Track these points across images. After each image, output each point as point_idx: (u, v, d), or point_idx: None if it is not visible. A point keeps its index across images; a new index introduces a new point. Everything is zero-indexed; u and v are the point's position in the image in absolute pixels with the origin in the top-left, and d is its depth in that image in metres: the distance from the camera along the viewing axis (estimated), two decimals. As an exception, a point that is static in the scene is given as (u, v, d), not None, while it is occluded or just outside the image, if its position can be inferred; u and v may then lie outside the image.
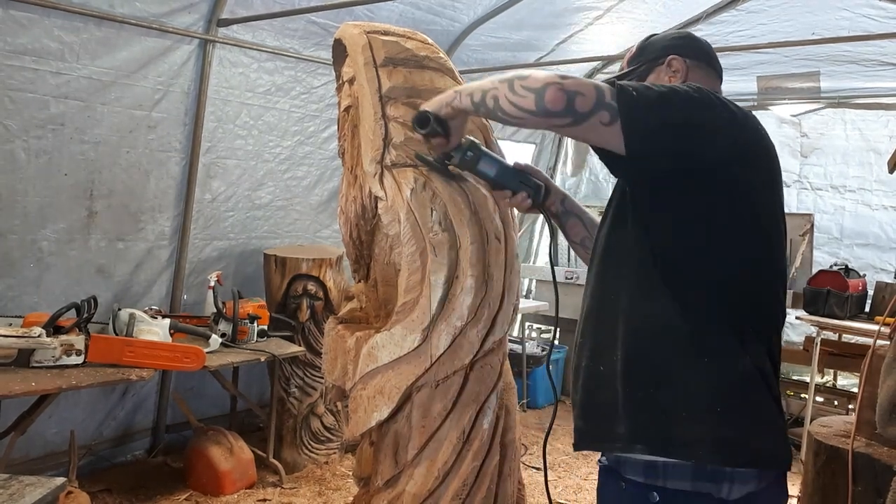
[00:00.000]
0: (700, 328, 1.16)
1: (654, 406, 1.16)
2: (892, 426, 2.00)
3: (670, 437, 1.14)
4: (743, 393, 1.16)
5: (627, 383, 1.19)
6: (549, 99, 1.08)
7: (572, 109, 1.08)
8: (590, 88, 1.08)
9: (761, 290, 1.20)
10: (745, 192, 1.17)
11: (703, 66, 1.37)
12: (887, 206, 4.66)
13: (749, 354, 1.16)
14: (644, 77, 1.38)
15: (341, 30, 1.91)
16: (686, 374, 1.15)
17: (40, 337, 2.52)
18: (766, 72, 4.51)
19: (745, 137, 1.17)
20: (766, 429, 1.18)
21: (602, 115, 1.08)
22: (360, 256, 1.96)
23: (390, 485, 1.79)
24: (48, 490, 1.61)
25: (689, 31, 1.46)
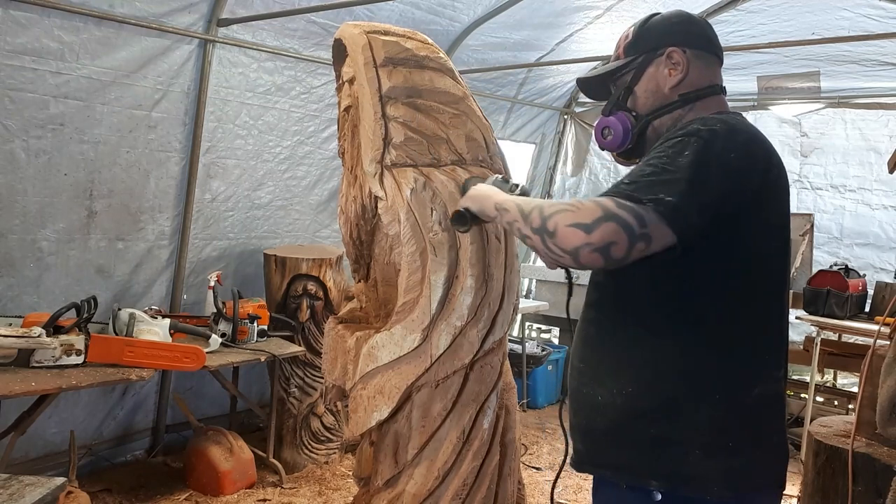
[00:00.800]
0: (708, 364, 1.16)
1: (667, 443, 1.17)
2: (892, 426, 2.00)
3: (684, 474, 1.15)
4: (753, 424, 1.18)
5: (634, 417, 1.19)
6: (587, 262, 1.09)
7: (611, 261, 1.08)
8: (619, 233, 1.06)
9: (767, 321, 1.22)
10: (752, 234, 1.16)
11: (703, 55, 1.32)
12: (887, 206, 4.66)
13: (757, 385, 1.18)
14: (642, 70, 1.33)
15: (341, 30, 1.91)
16: (699, 410, 1.16)
17: (40, 337, 2.52)
18: (766, 72, 4.51)
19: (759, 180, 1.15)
20: (772, 455, 1.21)
21: (639, 247, 1.07)
22: (360, 256, 1.96)
23: (390, 485, 1.79)
24: (48, 490, 1.61)
25: (686, 11, 1.40)
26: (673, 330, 1.17)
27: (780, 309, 1.25)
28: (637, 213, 1.07)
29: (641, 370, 1.20)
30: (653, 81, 1.32)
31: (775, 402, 1.21)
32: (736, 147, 1.14)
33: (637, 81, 1.34)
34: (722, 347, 1.17)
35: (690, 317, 1.17)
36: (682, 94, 1.30)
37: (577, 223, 1.08)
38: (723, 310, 1.17)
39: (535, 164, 5.73)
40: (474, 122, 1.88)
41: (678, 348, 1.17)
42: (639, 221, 1.06)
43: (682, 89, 1.30)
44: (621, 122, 1.34)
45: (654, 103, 1.32)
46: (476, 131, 1.88)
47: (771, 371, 1.21)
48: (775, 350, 1.23)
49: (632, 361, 1.21)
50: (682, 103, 1.30)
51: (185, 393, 3.53)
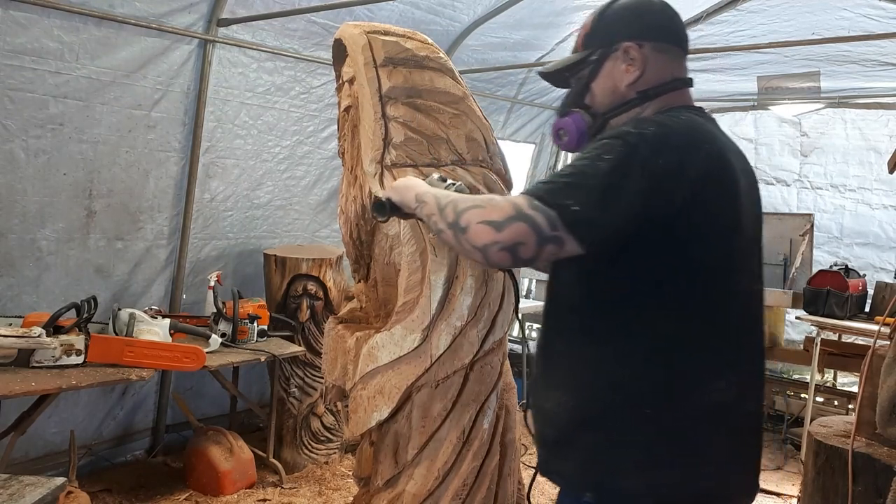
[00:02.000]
0: (640, 376, 1.13)
1: (600, 455, 1.15)
2: (892, 426, 2.00)
3: (614, 487, 1.14)
4: (690, 437, 1.13)
5: (575, 427, 1.19)
6: (495, 261, 1.09)
7: (518, 260, 1.08)
8: (528, 234, 1.05)
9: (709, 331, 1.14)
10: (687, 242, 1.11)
11: (664, 47, 1.25)
12: (887, 206, 4.67)
13: (702, 395, 1.13)
14: (599, 66, 1.27)
15: (341, 30, 1.91)
16: (631, 423, 1.13)
17: (40, 337, 2.52)
18: (766, 72, 4.51)
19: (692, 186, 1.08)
20: (717, 468, 1.15)
21: (549, 249, 1.06)
22: (360, 256, 1.96)
23: (390, 485, 1.79)
24: (48, 490, 1.61)
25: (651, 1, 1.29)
26: (609, 341, 1.15)
27: (731, 317, 1.17)
28: (549, 214, 1.05)
29: (582, 381, 1.18)
30: (609, 79, 1.26)
31: (718, 416, 1.14)
32: (666, 151, 1.08)
33: (594, 78, 1.28)
34: (654, 359, 1.13)
35: (624, 328, 1.14)
36: (639, 91, 1.24)
37: (487, 221, 1.07)
38: (656, 321, 1.13)
39: (535, 164, 5.73)
40: (474, 122, 1.87)
41: (613, 360, 1.15)
42: (550, 224, 1.04)
43: (639, 86, 1.24)
44: (576, 124, 1.29)
45: (611, 101, 1.27)
46: (476, 131, 1.88)
47: (712, 383, 1.14)
48: (719, 361, 1.15)
49: (574, 372, 1.20)
50: (640, 101, 1.24)
51: (185, 393, 3.52)
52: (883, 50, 3.91)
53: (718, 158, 1.14)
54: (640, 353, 1.13)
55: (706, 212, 1.11)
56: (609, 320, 1.15)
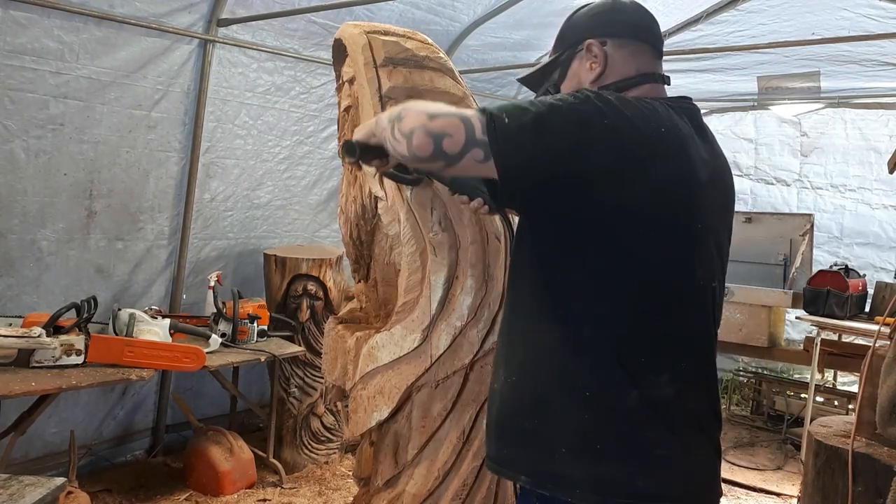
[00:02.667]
0: (583, 361, 1.12)
1: (535, 438, 1.15)
2: (892, 426, 2.00)
3: (551, 473, 1.13)
4: (628, 429, 1.11)
5: (510, 409, 1.19)
6: (417, 145, 1.05)
7: (441, 153, 1.04)
8: (458, 127, 1.03)
9: (652, 323, 1.12)
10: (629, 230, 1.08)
11: (627, 44, 1.25)
12: (887, 206, 4.67)
13: (640, 387, 1.10)
14: (567, 66, 1.29)
15: (341, 30, 1.91)
16: (567, 409, 1.12)
17: (40, 337, 2.52)
18: (766, 72, 4.51)
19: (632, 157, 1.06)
20: (655, 464, 1.11)
21: (475, 153, 1.04)
22: (360, 256, 1.96)
23: (390, 485, 1.79)
24: (48, 490, 1.61)
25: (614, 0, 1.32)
26: (549, 325, 1.15)
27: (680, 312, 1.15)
28: (484, 123, 1.03)
29: (521, 363, 1.18)
30: (575, 77, 1.28)
31: (660, 411, 1.11)
32: (616, 115, 1.06)
33: (563, 78, 1.31)
34: (594, 347, 1.11)
35: (565, 314, 1.13)
36: (602, 87, 1.23)
37: (428, 111, 1.06)
38: (592, 310, 1.12)
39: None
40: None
41: (553, 344, 1.14)
42: (484, 130, 1.03)
43: (602, 82, 1.24)
44: None
45: None
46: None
47: (653, 376, 1.11)
48: (662, 355, 1.13)
49: (515, 354, 1.20)
50: None
51: (185, 393, 3.52)
52: (883, 50, 3.91)
53: (669, 143, 1.11)
54: (582, 341, 1.12)
55: (647, 195, 1.08)
56: (556, 304, 1.15)
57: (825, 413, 4.00)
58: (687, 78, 4.52)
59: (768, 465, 3.94)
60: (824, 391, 4.52)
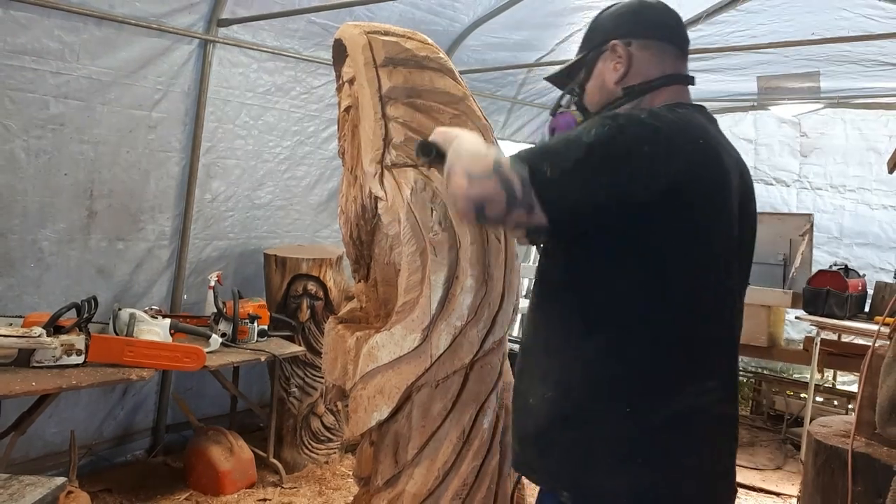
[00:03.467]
0: (623, 373, 1.12)
1: (577, 451, 1.14)
2: (891, 426, 2.00)
3: (591, 485, 1.13)
4: (668, 439, 1.12)
5: (553, 423, 1.18)
6: (462, 211, 1.06)
7: (484, 217, 1.05)
8: (498, 193, 1.02)
9: (689, 333, 1.13)
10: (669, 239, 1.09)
11: (652, 44, 1.25)
12: (887, 206, 4.67)
13: (680, 396, 1.12)
14: (592, 66, 1.29)
15: (341, 30, 1.91)
16: (608, 422, 1.12)
17: (41, 337, 2.52)
18: (766, 72, 4.51)
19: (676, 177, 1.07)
20: (693, 472, 1.14)
21: (519, 214, 1.03)
22: (360, 256, 1.96)
23: (390, 484, 1.79)
24: (48, 490, 1.62)
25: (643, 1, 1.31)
26: (588, 338, 1.14)
27: (714, 316, 1.16)
28: (524, 178, 1.02)
29: (561, 376, 1.17)
30: (600, 77, 1.28)
31: (699, 418, 1.13)
32: (654, 139, 1.06)
33: (588, 78, 1.31)
34: (632, 359, 1.12)
35: (603, 327, 1.13)
36: (626, 87, 1.24)
37: (468, 171, 1.05)
38: (634, 321, 1.12)
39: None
40: (474, 123, 1.88)
41: (592, 356, 1.14)
42: (524, 188, 1.02)
43: (626, 82, 1.25)
44: (566, 124, 1.32)
45: (601, 99, 1.28)
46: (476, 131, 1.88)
47: (693, 385, 1.13)
48: (700, 362, 1.15)
49: (553, 366, 1.19)
50: (627, 97, 1.25)
51: (186, 393, 3.53)
52: (883, 50, 3.91)
53: (707, 155, 1.12)
54: (624, 351, 1.12)
55: (691, 208, 1.09)
56: (596, 317, 1.14)
57: (825, 413, 4.00)
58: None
59: (768, 464, 3.94)
60: (824, 391, 4.53)
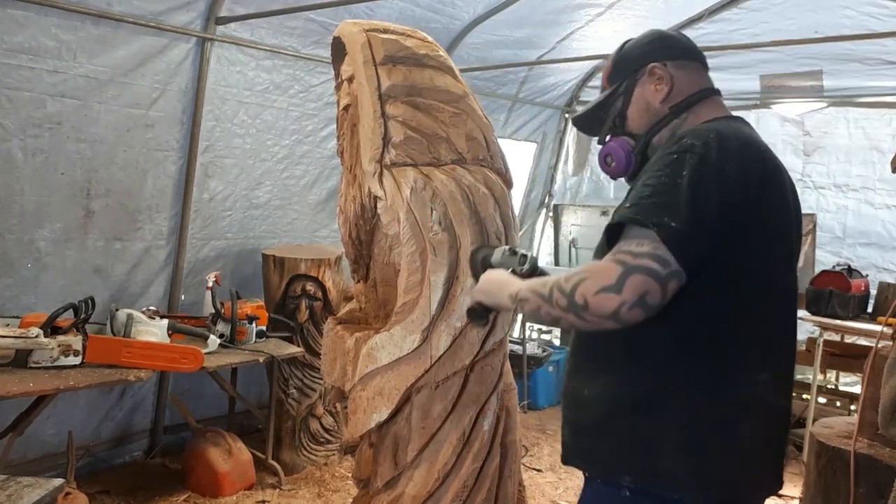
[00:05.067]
0: (683, 361, 1.17)
1: (639, 438, 1.18)
2: (894, 427, 1.98)
3: (654, 470, 1.17)
4: (725, 425, 1.17)
5: (613, 412, 1.21)
6: (630, 318, 1.09)
7: (651, 308, 1.09)
8: (646, 281, 1.07)
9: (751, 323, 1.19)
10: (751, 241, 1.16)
11: (685, 64, 1.35)
12: (890, 205, 4.64)
13: (732, 387, 1.17)
14: (630, 95, 1.36)
15: (340, 28, 1.89)
16: (668, 409, 1.17)
17: (38, 337, 2.50)
18: (768, 70, 4.49)
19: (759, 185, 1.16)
20: (747, 460, 1.19)
21: (672, 285, 1.08)
22: (359, 256, 1.95)
23: (390, 486, 1.77)
24: (46, 491, 1.60)
25: (657, 29, 1.44)
26: (652, 330, 1.16)
27: (776, 310, 1.23)
28: (656, 255, 1.07)
29: (621, 367, 1.22)
30: (642, 101, 1.35)
31: (753, 407, 1.19)
32: (731, 156, 1.14)
33: (627, 105, 1.37)
34: (704, 349, 1.17)
35: (664, 318, 1.15)
36: (672, 105, 1.32)
37: (603, 287, 1.09)
38: (709, 313, 1.16)
39: (537, 164, 5.71)
40: (475, 121, 1.86)
41: (653, 346, 1.18)
42: (661, 263, 1.07)
43: (671, 101, 1.32)
44: (621, 147, 1.36)
45: (649, 121, 1.34)
46: (476, 130, 1.86)
47: (752, 376, 1.19)
48: (762, 355, 1.20)
49: (612, 357, 1.23)
50: (674, 114, 1.32)
51: (184, 394, 3.51)
52: (886, 49, 3.89)
53: (772, 161, 1.22)
54: (689, 342, 1.17)
55: (767, 210, 1.17)
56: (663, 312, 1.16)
57: (827, 414, 3.98)
58: (688, 77, 4.50)
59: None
60: (826, 392, 4.51)
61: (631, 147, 1.35)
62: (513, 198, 1.92)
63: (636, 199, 1.14)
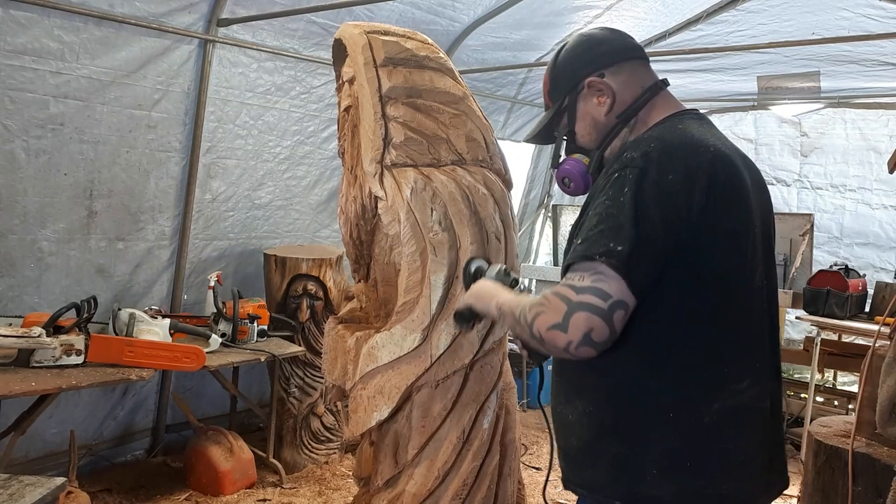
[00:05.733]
0: (662, 381, 1.14)
1: (626, 462, 1.16)
2: (892, 426, 1.99)
3: (643, 494, 1.15)
4: (713, 441, 1.14)
5: (598, 436, 1.19)
6: (581, 355, 1.09)
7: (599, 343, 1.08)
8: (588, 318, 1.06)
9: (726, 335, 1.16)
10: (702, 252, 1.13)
11: (623, 67, 1.30)
12: (887, 206, 4.66)
13: (721, 398, 1.14)
14: (574, 111, 1.33)
15: (341, 30, 1.91)
16: (652, 431, 1.15)
17: (40, 337, 2.52)
18: (766, 72, 4.51)
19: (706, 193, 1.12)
20: (740, 470, 1.17)
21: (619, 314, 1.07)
22: (360, 256, 1.96)
23: (390, 485, 1.79)
24: (48, 490, 1.62)
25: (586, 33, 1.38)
26: (629, 349, 1.15)
27: (749, 313, 1.20)
28: (595, 289, 1.06)
29: (598, 390, 1.20)
30: (588, 116, 1.32)
31: (739, 418, 1.16)
32: (673, 166, 1.11)
33: (574, 122, 1.34)
34: (675, 365, 1.14)
35: (644, 336, 1.14)
36: (619, 115, 1.29)
37: (552, 325, 1.09)
38: (676, 328, 1.14)
39: (535, 164, 5.73)
40: (474, 122, 1.88)
41: (633, 368, 1.16)
42: (600, 297, 1.06)
43: (616, 111, 1.29)
44: (576, 168, 1.35)
45: (598, 135, 1.32)
46: (476, 131, 1.88)
47: (731, 385, 1.16)
48: (738, 363, 1.17)
49: (590, 381, 1.21)
50: (623, 123, 1.29)
51: (186, 393, 3.52)
52: (883, 50, 3.91)
53: (721, 160, 1.16)
54: (660, 360, 1.14)
55: (719, 215, 1.13)
56: (629, 328, 1.15)
57: (825, 413, 3.99)
58: (687, 78, 4.52)
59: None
60: (824, 391, 4.52)
61: (585, 166, 1.34)
62: (512, 198, 1.94)
63: (586, 233, 1.12)
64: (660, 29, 4.28)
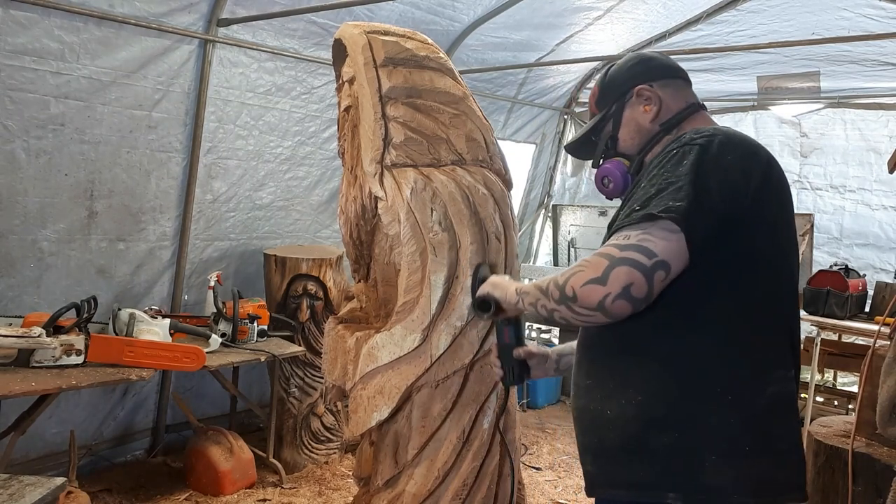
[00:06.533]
0: (716, 366, 1.16)
1: (681, 451, 1.15)
2: (892, 426, 1.99)
3: (702, 483, 1.13)
4: (767, 426, 1.16)
5: (646, 427, 1.17)
6: (616, 311, 1.11)
7: (637, 300, 1.10)
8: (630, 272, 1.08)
9: (775, 321, 1.21)
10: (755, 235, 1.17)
11: (670, 83, 1.38)
12: (887, 206, 4.66)
13: (768, 387, 1.17)
14: (619, 118, 1.39)
15: (341, 30, 1.91)
16: (711, 416, 1.14)
17: (40, 337, 2.52)
18: (766, 72, 4.51)
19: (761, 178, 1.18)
20: (789, 459, 1.19)
21: (659, 275, 1.09)
22: (360, 256, 1.96)
23: (390, 485, 1.79)
24: (48, 490, 1.62)
25: (639, 52, 1.50)
26: (678, 335, 1.16)
27: (789, 308, 1.25)
28: (641, 247, 1.09)
29: (650, 378, 1.18)
30: (633, 122, 1.38)
31: (788, 403, 1.20)
32: (733, 149, 1.17)
33: (618, 128, 1.40)
34: (729, 350, 1.16)
35: (695, 322, 1.16)
36: (662, 123, 1.35)
37: (590, 279, 1.11)
38: (728, 312, 1.16)
39: (536, 165, 5.73)
40: (474, 123, 1.88)
41: (685, 353, 1.16)
42: (645, 254, 1.08)
43: (661, 119, 1.35)
44: (617, 168, 1.39)
45: (641, 141, 1.38)
46: (476, 131, 1.88)
47: (781, 372, 1.19)
48: (785, 350, 1.22)
49: (640, 370, 1.19)
50: (665, 131, 1.35)
51: (186, 393, 3.53)
52: (883, 50, 3.91)
53: (775, 162, 1.24)
54: (713, 346, 1.16)
55: (766, 209, 1.19)
56: (678, 317, 1.17)
57: (825, 413, 3.99)
58: (687, 78, 4.52)
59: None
60: (824, 391, 4.52)
61: (626, 167, 1.38)
62: (512, 198, 1.94)
63: (643, 200, 1.15)
64: (660, 29, 4.29)
